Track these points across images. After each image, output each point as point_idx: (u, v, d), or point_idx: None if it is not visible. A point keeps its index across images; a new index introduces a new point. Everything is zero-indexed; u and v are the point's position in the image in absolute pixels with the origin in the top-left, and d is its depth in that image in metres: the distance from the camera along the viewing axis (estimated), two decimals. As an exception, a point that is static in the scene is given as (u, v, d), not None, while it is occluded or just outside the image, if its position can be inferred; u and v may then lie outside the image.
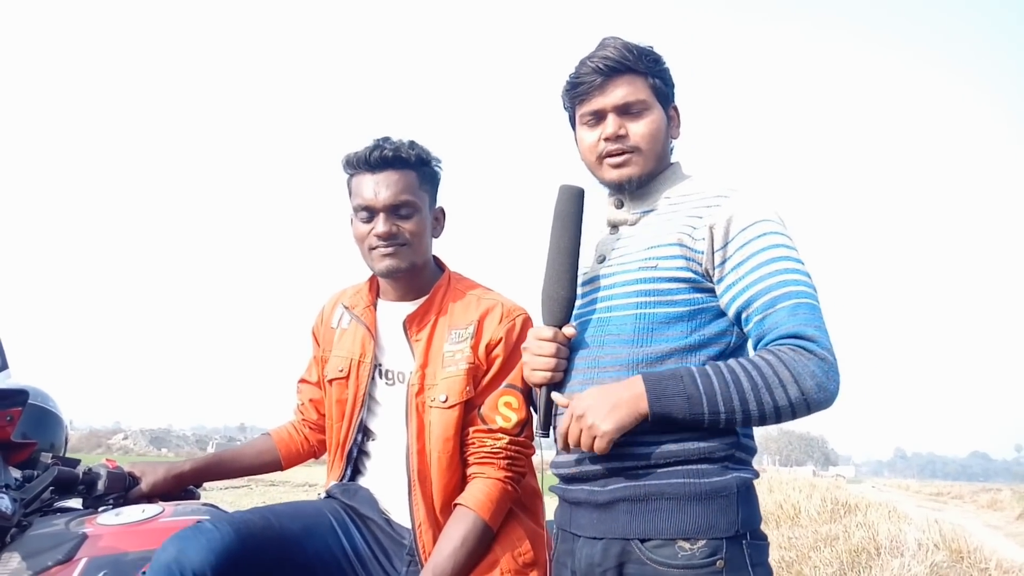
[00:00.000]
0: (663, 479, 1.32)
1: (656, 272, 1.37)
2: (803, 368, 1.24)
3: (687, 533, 1.28)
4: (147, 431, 49.24)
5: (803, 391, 1.24)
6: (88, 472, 1.69)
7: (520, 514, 1.72)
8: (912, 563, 6.49)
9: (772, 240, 1.33)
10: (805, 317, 1.27)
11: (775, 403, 1.25)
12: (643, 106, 1.44)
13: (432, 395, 1.68)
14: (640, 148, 1.44)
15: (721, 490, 1.30)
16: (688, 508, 1.29)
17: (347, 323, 1.84)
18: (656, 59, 1.46)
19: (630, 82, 1.44)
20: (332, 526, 1.65)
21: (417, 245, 1.72)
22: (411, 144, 1.73)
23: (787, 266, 1.31)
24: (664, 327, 1.36)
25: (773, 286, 1.29)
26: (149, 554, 1.44)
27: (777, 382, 1.25)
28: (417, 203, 1.71)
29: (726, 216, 1.34)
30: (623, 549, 1.32)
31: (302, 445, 1.96)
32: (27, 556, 1.45)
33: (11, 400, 1.72)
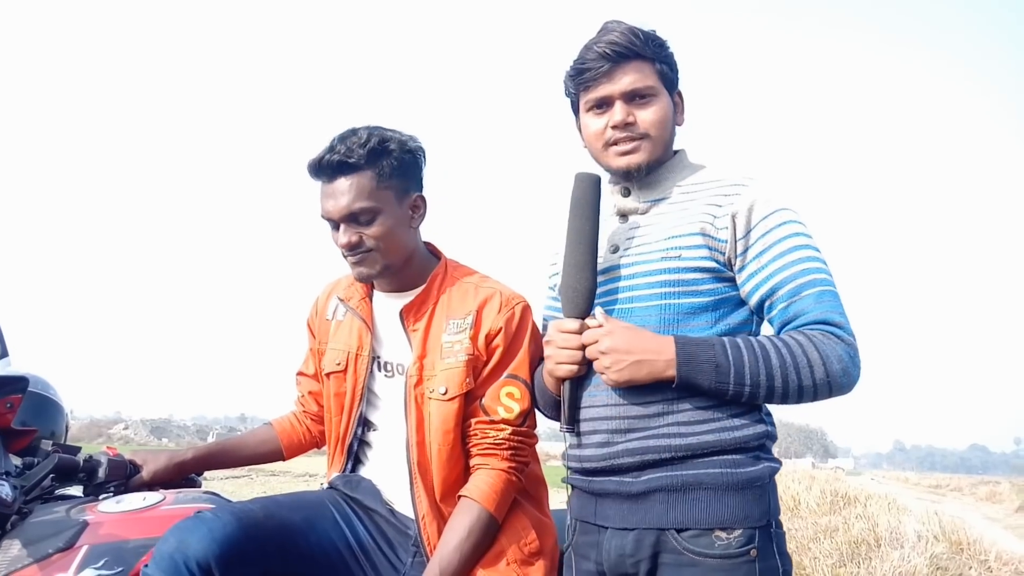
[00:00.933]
0: (701, 468, 1.32)
1: (680, 262, 1.36)
2: (831, 351, 1.26)
3: (724, 523, 1.29)
4: (148, 421, 49.24)
5: (828, 373, 1.26)
6: (89, 460, 1.68)
7: (525, 504, 1.71)
8: (912, 555, 6.51)
9: (793, 228, 1.34)
10: (831, 304, 1.30)
11: (800, 382, 1.27)
12: (651, 92, 1.42)
13: (431, 386, 1.66)
14: (649, 135, 1.43)
15: (756, 480, 1.31)
16: (725, 498, 1.30)
17: (342, 315, 1.81)
18: (662, 43, 1.44)
19: (638, 68, 1.42)
20: (335, 517, 1.64)
21: (386, 247, 1.65)
22: (364, 141, 1.62)
23: (809, 254, 1.32)
24: (689, 317, 1.35)
25: (797, 274, 1.31)
26: (150, 542, 1.44)
27: (806, 362, 1.26)
28: (375, 207, 1.62)
29: (747, 204, 1.34)
30: (658, 539, 1.32)
31: (304, 436, 1.94)
32: (28, 543, 1.45)
33: (11, 387, 1.71)
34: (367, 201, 1.62)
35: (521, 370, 1.67)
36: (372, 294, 1.79)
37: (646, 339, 1.32)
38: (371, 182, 1.63)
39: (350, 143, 1.62)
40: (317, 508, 1.63)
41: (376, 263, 1.66)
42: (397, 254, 1.69)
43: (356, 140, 1.62)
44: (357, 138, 1.63)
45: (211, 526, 1.40)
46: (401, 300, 1.74)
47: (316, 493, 1.72)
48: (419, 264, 1.75)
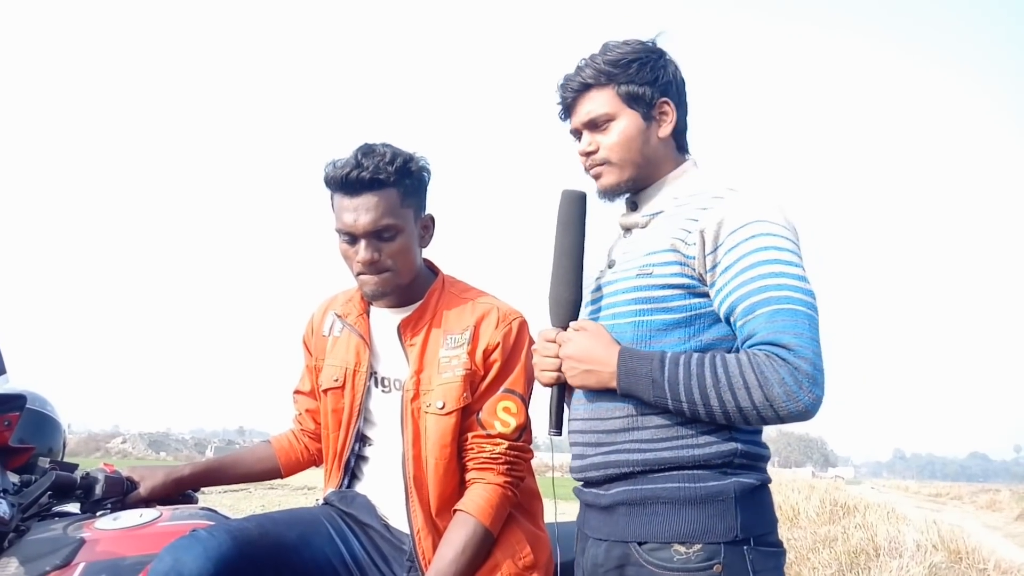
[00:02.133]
0: (659, 483, 1.33)
1: (651, 279, 1.36)
2: (772, 375, 1.22)
3: (682, 537, 1.29)
4: (146, 435, 49.04)
5: (768, 398, 1.22)
6: (86, 477, 1.69)
7: (520, 517, 1.72)
8: (911, 564, 6.51)
9: (761, 243, 1.29)
10: (783, 324, 1.24)
11: (737, 404, 1.24)
12: (608, 118, 1.45)
13: (428, 400, 1.67)
14: (609, 159, 1.45)
15: (717, 495, 1.29)
16: (684, 512, 1.30)
17: (339, 331, 1.82)
18: (628, 62, 1.44)
19: (594, 97, 1.45)
20: (330, 534, 1.65)
21: (402, 266, 1.68)
22: (392, 158, 1.64)
23: (773, 269, 1.27)
24: (662, 334, 1.35)
25: (754, 291, 1.27)
26: (147, 558, 1.44)
27: (741, 383, 1.23)
28: (399, 224, 1.64)
29: (717, 219, 1.33)
30: (623, 551, 1.34)
31: (302, 454, 1.95)
32: (25, 561, 1.45)
33: (9, 405, 1.72)
34: (392, 218, 1.64)
35: (518, 385, 1.69)
36: (369, 310, 1.80)
37: (598, 349, 1.36)
38: (397, 200, 1.65)
39: (376, 160, 1.63)
40: (312, 524, 1.64)
41: (390, 283, 1.67)
42: (409, 273, 1.71)
43: (381, 157, 1.63)
44: (380, 155, 1.64)
45: (206, 545, 1.41)
46: (398, 315, 1.75)
47: (311, 509, 1.73)
48: (420, 279, 1.76)
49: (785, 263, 1.28)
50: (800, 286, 1.27)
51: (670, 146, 1.48)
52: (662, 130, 1.46)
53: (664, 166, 1.48)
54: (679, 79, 1.48)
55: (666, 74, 1.46)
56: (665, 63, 1.47)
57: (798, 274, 1.29)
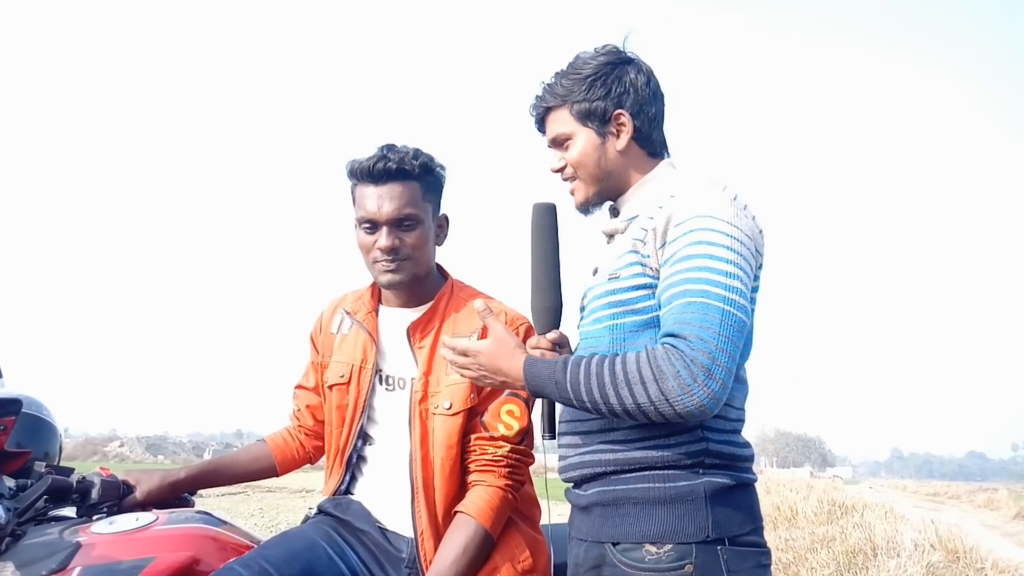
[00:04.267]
0: (631, 484, 1.33)
1: (619, 283, 1.38)
2: (667, 368, 1.20)
3: (653, 537, 1.29)
4: (143, 438, 49.02)
5: (663, 391, 1.20)
6: (82, 481, 1.69)
7: (519, 522, 1.72)
8: (908, 564, 6.52)
9: (696, 237, 1.28)
10: (692, 316, 1.22)
11: (635, 400, 1.23)
12: (565, 137, 1.50)
13: (436, 402, 1.69)
14: (575, 175, 1.50)
15: (687, 494, 1.30)
16: (654, 512, 1.30)
17: (348, 328, 1.84)
18: (582, 79, 1.47)
19: (554, 118, 1.51)
20: (329, 555, 1.64)
21: (420, 257, 1.73)
22: (415, 153, 1.72)
23: (699, 264, 1.26)
24: (634, 335, 1.36)
25: (676, 283, 1.27)
26: (143, 562, 1.44)
27: (637, 379, 1.23)
28: (420, 215, 1.71)
29: (666, 216, 1.33)
30: (599, 552, 1.35)
31: (297, 451, 1.95)
32: (21, 565, 1.45)
33: (5, 409, 1.72)
34: (414, 208, 1.71)
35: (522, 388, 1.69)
36: (379, 309, 1.83)
37: (502, 359, 1.39)
38: (419, 192, 1.72)
39: (403, 153, 1.71)
40: (309, 552, 1.62)
41: (409, 271, 1.72)
42: (425, 266, 1.76)
43: (406, 152, 1.72)
44: (406, 151, 1.72)
45: None
46: (408, 315, 1.77)
47: (305, 532, 1.70)
48: (431, 281, 1.80)
49: (714, 258, 1.26)
50: (722, 281, 1.25)
51: (634, 154, 1.49)
52: (619, 142, 1.48)
53: (631, 174, 1.50)
54: (640, 85, 1.47)
55: (620, 85, 1.46)
56: (622, 73, 1.47)
57: (724, 269, 1.26)
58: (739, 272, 1.27)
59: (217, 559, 1.54)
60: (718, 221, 1.30)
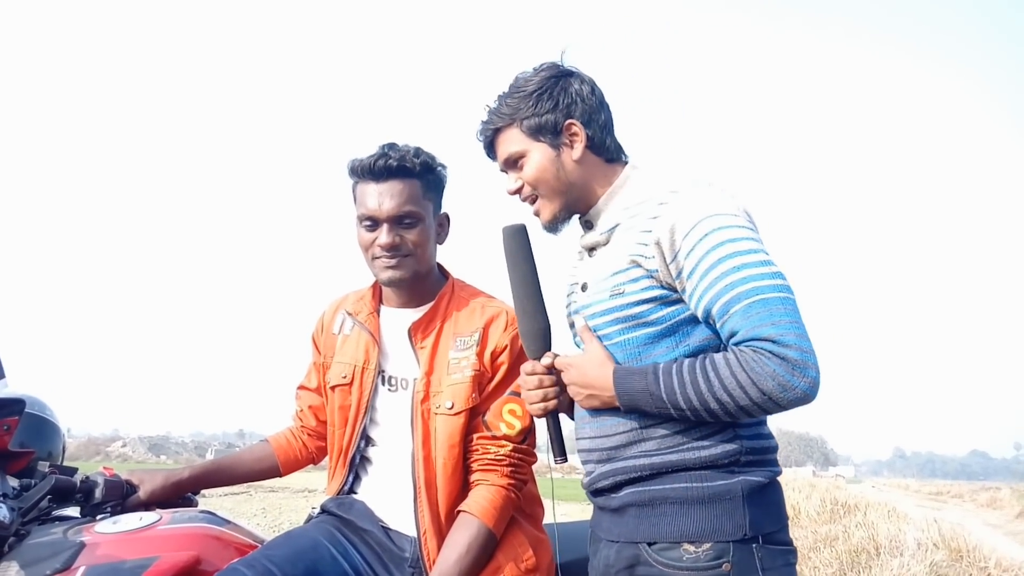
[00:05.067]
0: (667, 484, 1.34)
1: (625, 298, 1.37)
2: (762, 370, 1.22)
3: (691, 536, 1.29)
4: (145, 438, 49.02)
5: (764, 391, 1.22)
6: (85, 480, 1.69)
7: (522, 521, 1.73)
8: (911, 562, 6.51)
9: (715, 239, 1.29)
10: (760, 316, 1.24)
11: (736, 404, 1.25)
12: (519, 155, 1.49)
13: (438, 402, 1.69)
14: (536, 192, 1.49)
15: (725, 493, 1.30)
16: (692, 511, 1.31)
17: (349, 329, 1.84)
18: (527, 95, 1.46)
19: (504, 138, 1.50)
20: (332, 555, 1.64)
21: (420, 255, 1.73)
22: (416, 152, 1.73)
23: (733, 264, 1.27)
24: (649, 348, 1.36)
25: (722, 291, 1.26)
26: (147, 561, 1.45)
27: (735, 384, 1.24)
28: (421, 213, 1.71)
29: (668, 227, 1.33)
30: (634, 552, 1.35)
31: (300, 452, 1.96)
32: (25, 565, 1.45)
33: (8, 409, 1.72)
34: (415, 206, 1.71)
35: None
36: (380, 309, 1.82)
37: (591, 375, 1.38)
38: (420, 190, 1.73)
39: (404, 151, 1.72)
40: (313, 552, 1.62)
41: (409, 268, 1.72)
42: (425, 264, 1.76)
43: (407, 151, 1.72)
44: (407, 149, 1.73)
45: None
46: (409, 315, 1.77)
47: (308, 532, 1.70)
48: (432, 280, 1.80)
49: (743, 253, 1.28)
50: (764, 271, 1.26)
51: (591, 163, 1.49)
52: (575, 152, 1.47)
53: (594, 183, 1.49)
54: (585, 94, 1.47)
55: (567, 96, 1.46)
56: (566, 84, 1.47)
57: (759, 260, 1.28)
58: (768, 256, 1.29)
59: (221, 559, 1.54)
60: (725, 217, 1.31)
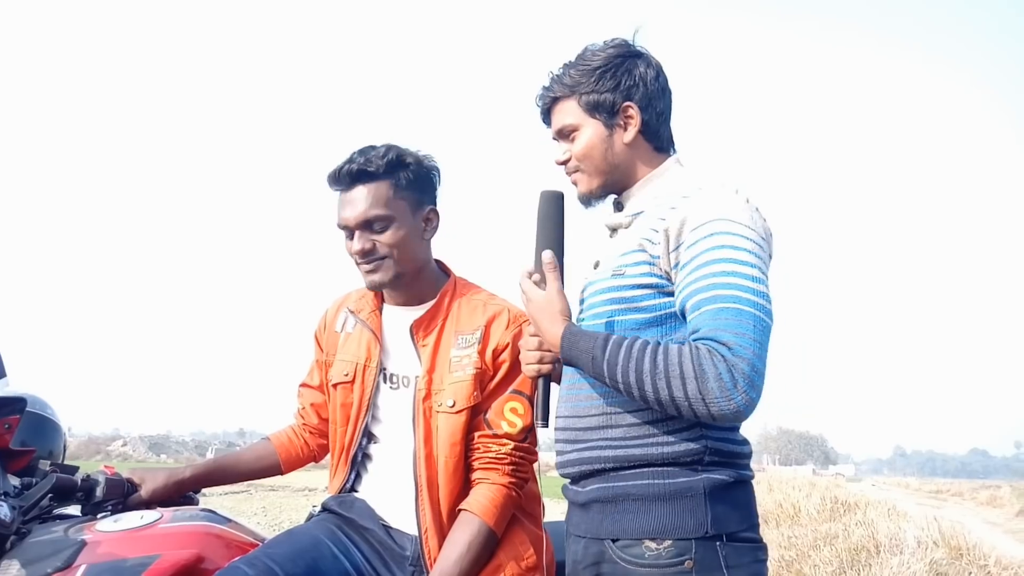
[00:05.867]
0: (630, 480, 1.34)
1: (623, 280, 1.38)
2: (710, 369, 1.20)
3: (653, 533, 1.30)
4: (146, 437, 49.19)
5: (702, 391, 1.20)
6: (86, 479, 1.69)
7: (523, 519, 1.73)
8: (911, 561, 6.52)
9: (718, 241, 1.28)
10: (727, 322, 1.22)
11: (671, 394, 1.23)
12: (572, 128, 1.49)
13: (439, 400, 1.69)
14: (580, 167, 1.50)
15: (687, 491, 1.30)
16: (653, 508, 1.31)
17: (352, 327, 1.84)
18: (591, 71, 1.46)
19: (561, 108, 1.50)
20: (332, 553, 1.64)
21: (399, 255, 1.71)
22: (384, 151, 1.70)
23: (724, 268, 1.26)
24: (635, 333, 1.36)
25: (703, 288, 1.26)
26: (148, 560, 1.45)
27: (678, 373, 1.22)
28: (389, 215, 1.69)
29: (680, 218, 1.33)
30: (599, 549, 1.35)
31: (302, 449, 1.96)
32: (26, 563, 1.45)
33: (9, 408, 1.73)
34: (382, 209, 1.69)
35: (525, 386, 1.70)
36: (382, 307, 1.83)
37: (545, 318, 1.39)
38: (387, 191, 1.70)
39: (369, 155, 1.70)
40: (314, 550, 1.62)
41: (389, 270, 1.71)
42: (409, 263, 1.74)
43: (375, 152, 1.70)
44: (376, 151, 1.71)
45: None
46: (411, 314, 1.77)
47: (309, 530, 1.71)
48: (430, 279, 1.79)
49: (739, 262, 1.27)
50: (750, 286, 1.25)
51: (640, 148, 1.49)
52: (627, 135, 1.47)
53: (638, 168, 1.49)
54: (649, 79, 1.47)
55: (630, 78, 1.46)
56: (632, 66, 1.47)
57: (751, 274, 1.26)
58: (762, 275, 1.28)
59: (222, 557, 1.54)
60: (736, 224, 1.30)
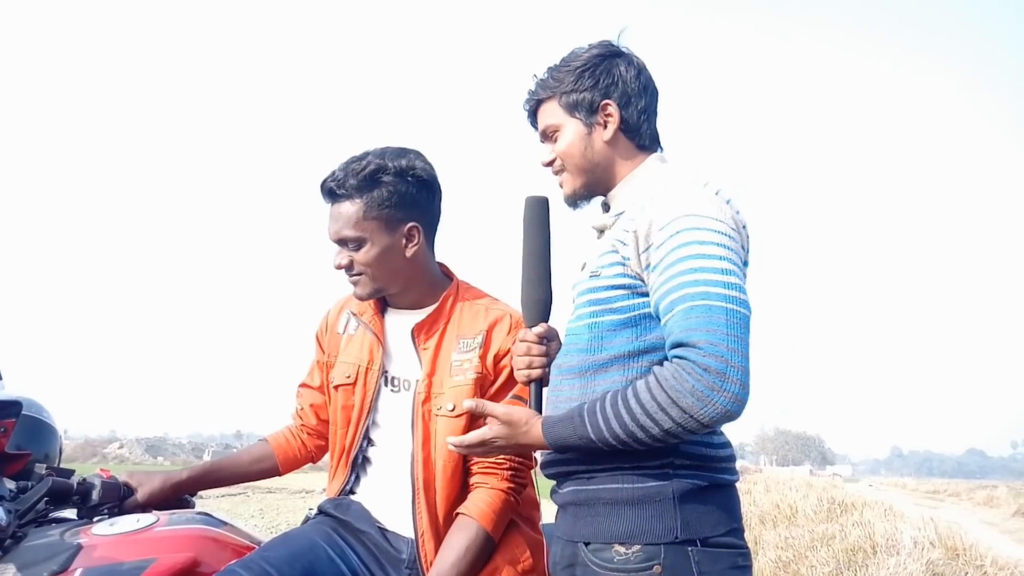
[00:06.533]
0: (601, 484, 1.34)
1: (599, 281, 1.38)
2: (680, 386, 1.19)
3: (622, 537, 1.30)
4: (143, 440, 49.11)
5: (684, 410, 1.19)
6: (82, 482, 1.69)
7: (520, 523, 1.73)
8: (908, 561, 6.53)
9: (683, 238, 1.27)
10: (697, 320, 1.21)
11: (661, 428, 1.22)
12: (554, 129, 1.50)
13: (439, 403, 1.69)
14: (564, 168, 1.51)
15: (655, 495, 1.30)
16: (622, 512, 1.31)
17: (354, 329, 1.84)
18: (571, 71, 1.47)
19: (544, 110, 1.52)
20: (329, 556, 1.63)
21: (376, 272, 1.71)
22: (360, 170, 1.68)
23: (692, 265, 1.25)
24: (612, 335, 1.36)
25: (673, 288, 1.25)
26: (144, 563, 1.45)
27: (655, 407, 1.21)
28: (360, 236, 1.68)
29: (648, 219, 1.33)
30: (573, 551, 1.36)
31: (299, 450, 1.95)
32: (22, 567, 1.45)
33: (5, 411, 1.73)
34: (352, 230, 1.69)
35: (526, 392, 1.68)
36: (384, 309, 1.83)
37: (521, 437, 1.39)
38: (358, 212, 1.68)
39: (347, 171, 1.69)
40: (310, 552, 1.62)
41: (367, 285, 1.73)
42: (388, 279, 1.73)
43: (354, 168, 1.68)
44: (356, 165, 1.69)
45: None
46: (412, 317, 1.77)
47: (305, 532, 1.70)
48: (428, 284, 1.79)
49: (706, 256, 1.25)
50: (719, 279, 1.24)
51: (621, 146, 1.49)
52: (606, 132, 1.47)
53: (619, 166, 1.49)
54: (629, 78, 1.47)
55: (609, 76, 1.47)
56: (611, 65, 1.47)
57: (719, 267, 1.25)
58: (733, 267, 1.26)
59: (218, 560, 1.54)
60: (702, 219, 1.29)
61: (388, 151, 1.72)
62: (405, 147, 1.76)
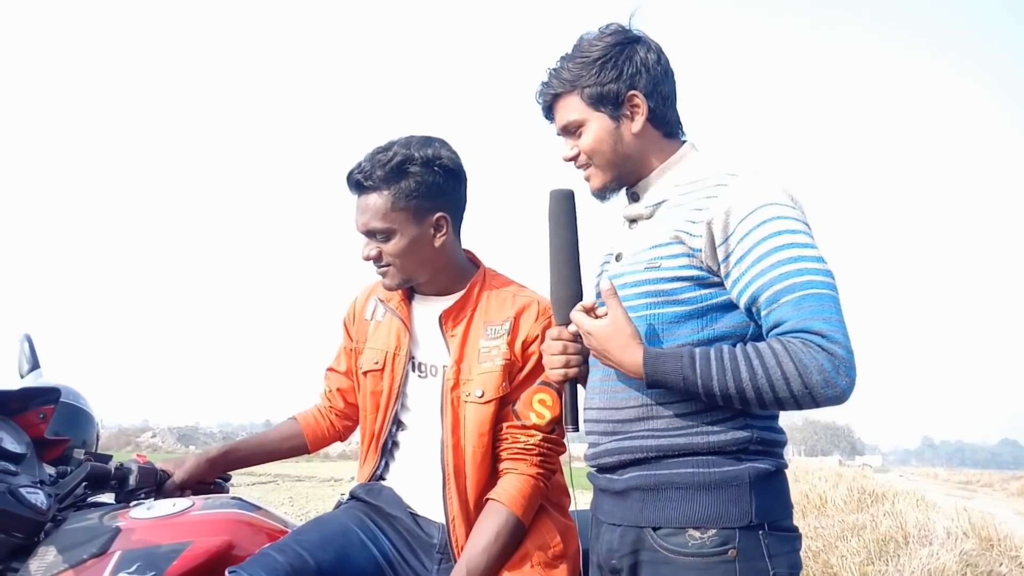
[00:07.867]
0: (674, 468, 1.33)
1: (660, 272, 1.36)
2: (811, 362, 1.20)
3: (697, 522, 1.29)
4: (175, 429, 49.69)
5: (807, 385, 1.21)
6: (120, 467, 1.72)
7: (550, 509, 1.73)
8: (941, 551, 6.43)
9: (773, 227, 1.27)
10: (812, 310, 1.23)
11: (775, 395, 1.23)
12: (577, 124, 1.46)
13: (467, 390, 1.70)
14: (591, 161, 1.47)
15: (732, 480, 1.30)
16: (698, 497, 1.30)
17: (382, 315, 1.85)
18: (591, 63, 1.42)
19: (563, 104, 1.47)
20: (361, 540, 1.65)
21: (403, 263, 1.71)
22: (386, 161, 1.67)
23: (790, 255, 1.25)
24: (674, 326, 1.35)
25: (776, 279, 1.25)
26: (181, 546, 1.48)
27: (779, 374, 1.22)
28: (388, 227, 1.69)
29: (724, 208, 1.31)
30: (638, 536, 1.34)
31: (328, 430, 1.99)
32: (63, 550, 1.48)
33: (44, 398, 1.76)
34: (380, 222, 1.69)
35: None
36: (411, 296, 1.84)
37: (615, 355, 1.33)
38: (386, 203, 1.68)
39: (374, 162, 1.68)
40: (343, 537, 1.63)
41: (395, 276, 1.74)
42: (416, 269, 1.74)
43: (380, 159, 1.68)
44: (383, 156, 1.68)
45: None
46: (440, 304, 1.78)
47: (338, 517, 1.72)
48: (456, 272, 1.79)
49: (800, 246, 1.27)
50: (819, 267, 1.26)
51: (650, 136, 1.46)
52: (635, 125, 1.44)
53: (651, 157, 1.47)
54: (651, 64, 1.44)
55: (632, 65, 1.42)
56: (632, 52, 1.43)
57: (815, 255, 1.27)
58: (822, 254, 1.28)
59: (252, 544, 1.56)
60: (784, 207, 1.30)
61: (414, 140, 1.72)
62: (430, 136, 1.75)
